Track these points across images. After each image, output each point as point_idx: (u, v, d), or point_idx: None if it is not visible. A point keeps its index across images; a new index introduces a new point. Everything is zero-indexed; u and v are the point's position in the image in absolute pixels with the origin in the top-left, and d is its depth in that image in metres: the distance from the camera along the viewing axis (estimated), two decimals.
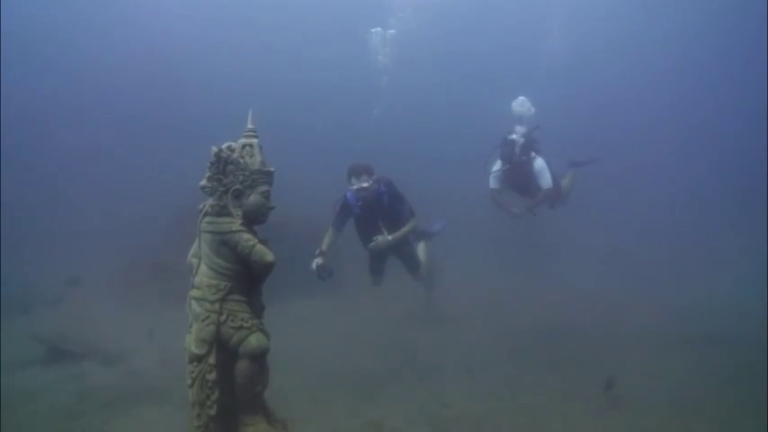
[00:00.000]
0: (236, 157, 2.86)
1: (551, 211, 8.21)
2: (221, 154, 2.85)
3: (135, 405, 4.88)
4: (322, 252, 6.00)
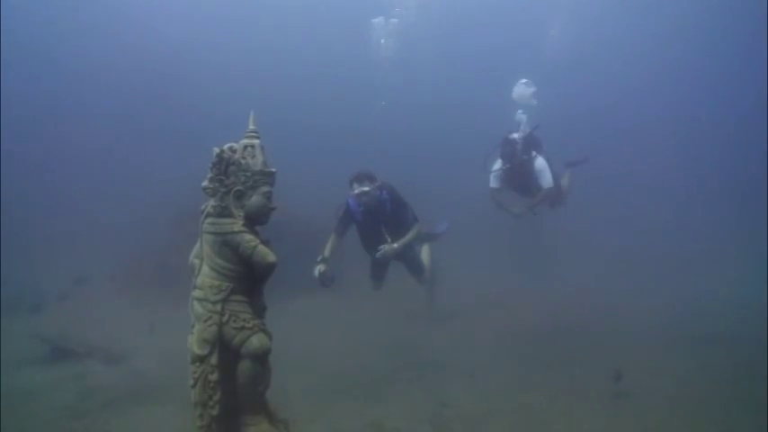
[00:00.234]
0: (238, 158, 2.86)
1: (551, 211, 8.21)
2: (223, 155, 2.85)
3: (137, 404, 4.91)
4: (324, 258, 5.95)
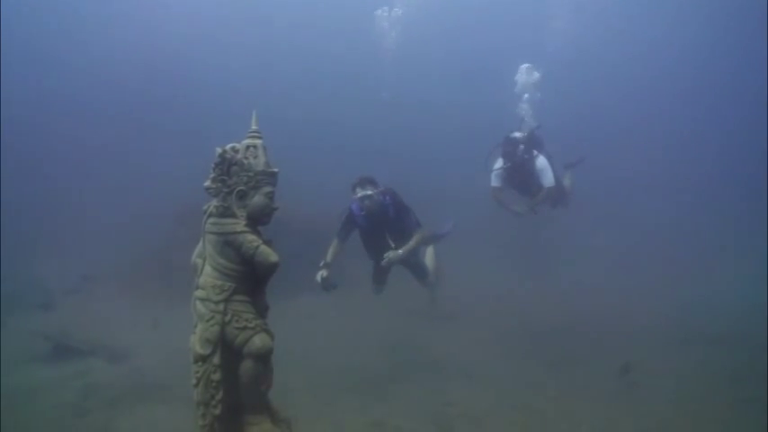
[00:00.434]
0: (241, 158, 2.86)
1: (552, 211, 8.18)
2: (225, 155, 2.85)
3: (140, 403, 4.92)
4: (326, 264, 5.90)
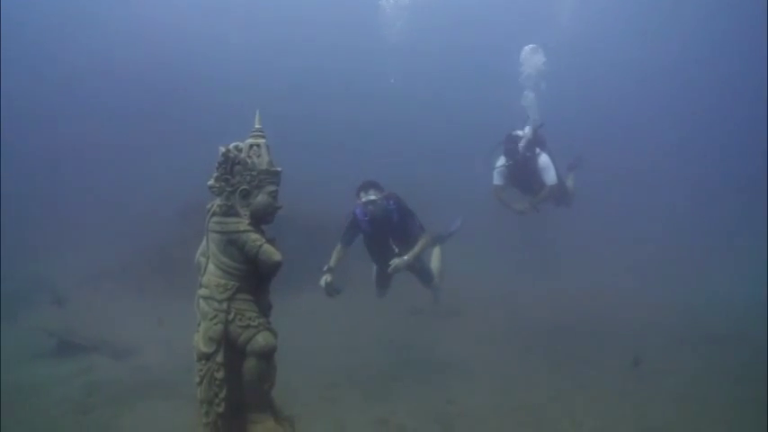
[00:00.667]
0: (244, 157, 2.87)
1: (555, 210, 8.15)
2: (229, 154, 2.86)
3: (143, 400, 4.94)
4: (330, 268, 5.86)
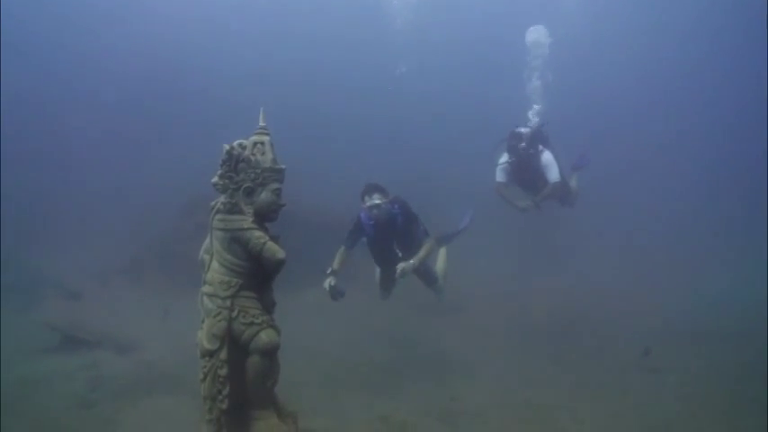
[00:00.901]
0: (248, 154, 2.87)
1: (557, 208, 8.13)
2: (233, 152, 2.86)
3: (147, 395, 4.96)
4: (334, 271, 5.85)
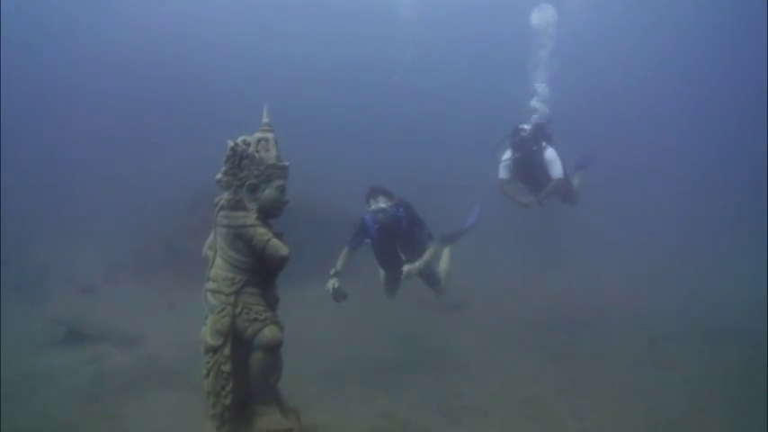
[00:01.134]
0: (252, 151, 2.87)
1: (559, 205, 8.10)
2: (237, 148, 2.86)
3: (151, 389, 4.99)
4: (337, 272, 5.80)
